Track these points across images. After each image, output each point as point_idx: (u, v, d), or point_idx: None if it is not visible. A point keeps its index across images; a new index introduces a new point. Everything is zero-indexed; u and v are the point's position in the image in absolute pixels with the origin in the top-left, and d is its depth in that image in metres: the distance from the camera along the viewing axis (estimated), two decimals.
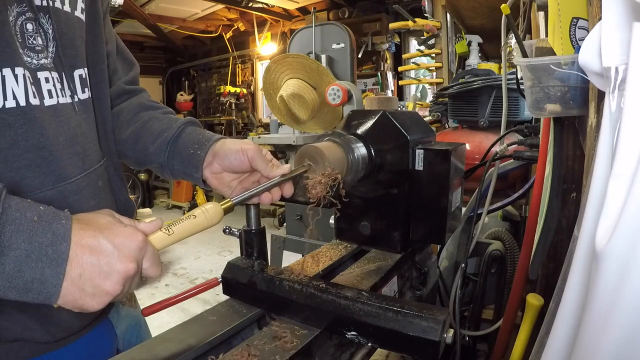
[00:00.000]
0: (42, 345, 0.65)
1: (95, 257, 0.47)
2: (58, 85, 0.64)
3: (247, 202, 0.69)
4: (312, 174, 0.71)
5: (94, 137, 0.74)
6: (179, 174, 0.76)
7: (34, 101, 0.59)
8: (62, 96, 0.65)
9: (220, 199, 0.63)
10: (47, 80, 0.62)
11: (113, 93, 0.82)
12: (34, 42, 0.61)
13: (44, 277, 0.45)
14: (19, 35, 0.59)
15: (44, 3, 0.62)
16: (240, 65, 7.26)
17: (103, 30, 0.77)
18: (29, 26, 0.60)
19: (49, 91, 0.63)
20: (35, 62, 0.61)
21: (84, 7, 0.71)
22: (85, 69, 0.71)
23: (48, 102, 0.62)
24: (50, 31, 0.63)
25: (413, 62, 3.52)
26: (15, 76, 0.57)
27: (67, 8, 0.67)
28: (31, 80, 0.59)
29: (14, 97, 0.57)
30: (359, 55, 5.01)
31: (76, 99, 0.68)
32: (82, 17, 0.71)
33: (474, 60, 2.68)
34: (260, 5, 5.61)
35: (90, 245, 0.47)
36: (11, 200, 0.45)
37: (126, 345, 0.82)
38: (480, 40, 2.72)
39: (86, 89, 0.72)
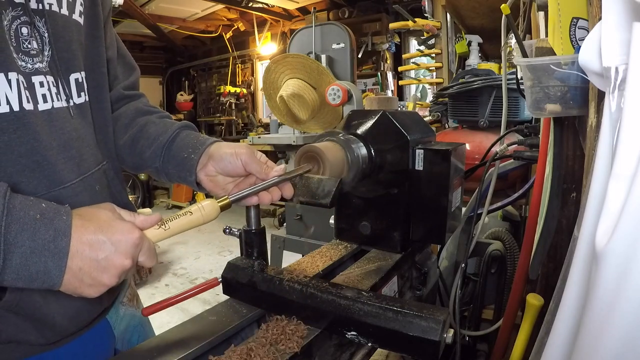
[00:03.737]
0: (35, 347, 0.65)
1: (95, 253, 0.52)
2: (53, 90, 0.64)
3: (246, 202, 0.69)
4: (312, 174, 0.71)
5: (92, 141, 0.73)
6: (174, 177, 0.77)
7: (28, 106, 0.59)
8: (58, 100, 0.64)
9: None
10: (41, 84, 0.62)
11: (112, 98, 0.81)
12: (29, 46, 0.60)
13: (47, 269, 0.49)
14: (13, 40, 0.58)
15: (40, 6, 0.62)
16: (240, 65, 7.25)
17: (104, 34, 0.77)
18: (24, 30, 0.60)
19: (44, 95, 0.62)
20: (30, 66, 0.60)
21: (82, 10, 0.70)
22: (83, 72, 0.71)
23: (42, 106, 0.62)
24: (46, 35, 0.63)
25: (413, 62, 3.52)
26: (9, 81, 0.56)
27: (64, 11, 0.66)
28: (25, 85, 0.59)
29: (7, 102, 0.56)
30: (359, 55, 5.01)
31: (72, 103, 0.68)
32: (81, 20, 0.70)
33: (474, 60, 2.68)
34: (260, 5, 5.61)
35: (90, 241, 0.51)
36: (15, 199, 0.49)
37: (126, 345, 0.82)
38: (480, 40, 2.71)
39: (82, 93, 0.71)
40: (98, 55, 0.75)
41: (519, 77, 1.37)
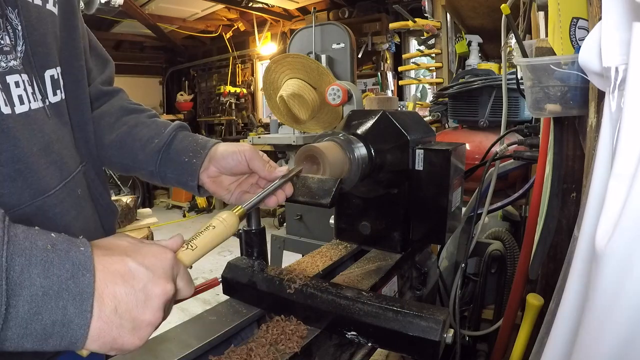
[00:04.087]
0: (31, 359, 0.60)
1: (129, 285, 0.41)
2: (29, 89, 0.58)
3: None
4: (312, 174, 0.71)
5: (70, 142, 0.68)
6: (171, 181, 0.74)
7: (6, 110, 0.53)
8: (34, 101, 0.59)
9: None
10: (17, 84, 0.56)
11: (90, 95, 0.76)
12: (2, 41, 0.54)
13: (67, 317, 0.37)
14: None
15: None
16: (240, 65, 7.25)
17: (79, 23, 0.71)
18: None
19: (20, 97, 0.56)
20: (4, 64, 0.55)
21: None
22: (58, 68, 0.65)
23: (19, 109, 0.56)
24: (19, 28, 0.56)
25: (413, 62, 3.52)
26: None
27: (37, 1, 0.60)
28: (0, 87, 0.53)
29: None
30: (359, 55, 5.01)
31: (47, 103, 0.62)
32: (55, 10, 0.64)
33: (474, 60, 2.69)
34: (260, 5, 5.61)
35: (120, 271, 0.41)
36: (17, 228, 0.38)
37: None
38: (480, 40, 2.72)
39: (58, 91, 0.65)
40: (75, 47, 0.70)
41: (519, 77, 1.37)
